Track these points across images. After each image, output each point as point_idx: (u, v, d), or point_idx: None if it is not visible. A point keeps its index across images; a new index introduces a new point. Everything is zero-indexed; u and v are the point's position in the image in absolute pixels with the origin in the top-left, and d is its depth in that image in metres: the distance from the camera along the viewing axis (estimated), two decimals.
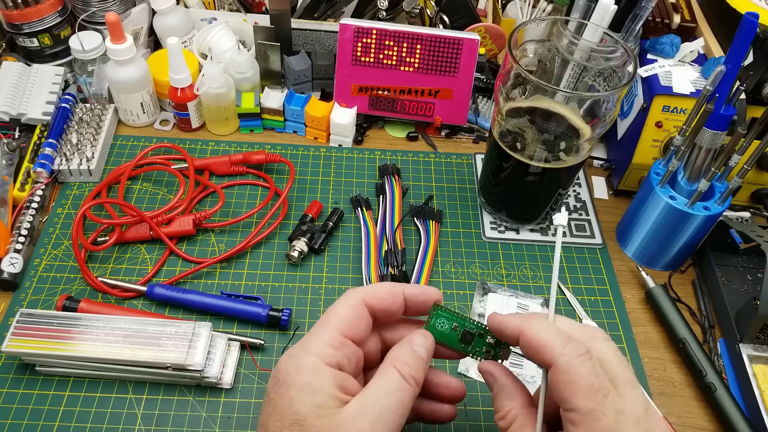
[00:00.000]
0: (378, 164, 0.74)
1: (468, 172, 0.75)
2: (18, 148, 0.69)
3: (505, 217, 0.68)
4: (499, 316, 0.40)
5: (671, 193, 0.61)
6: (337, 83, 0.75)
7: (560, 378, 0.35)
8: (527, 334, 0.37)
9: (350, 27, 0.70)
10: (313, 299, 0.61)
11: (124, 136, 0.74)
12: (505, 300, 0.61)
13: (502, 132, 0.61)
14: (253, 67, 0.74)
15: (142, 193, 0.68)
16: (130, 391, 0.53)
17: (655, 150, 0.68)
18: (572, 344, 0.36)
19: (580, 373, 0.35)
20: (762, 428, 0.53)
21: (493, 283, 0.63)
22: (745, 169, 0.57)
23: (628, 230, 0.67)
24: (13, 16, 0.72)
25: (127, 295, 0.59)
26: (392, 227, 0.65)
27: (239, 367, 0.55)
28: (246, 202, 0.69)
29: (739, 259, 0.65)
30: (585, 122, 0.58)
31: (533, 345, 0.37)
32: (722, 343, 0.60)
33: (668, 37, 0.71)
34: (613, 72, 0.59)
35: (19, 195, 0.65)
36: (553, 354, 0.36)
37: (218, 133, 0.76)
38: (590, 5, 0.61)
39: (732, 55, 0.53)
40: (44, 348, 0.51)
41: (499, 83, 0.59)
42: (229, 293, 0.60)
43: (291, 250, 0.62)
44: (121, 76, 0.70)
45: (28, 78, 0.73)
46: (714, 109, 0.55)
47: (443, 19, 0.81)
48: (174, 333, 0.53)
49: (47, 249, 0.62)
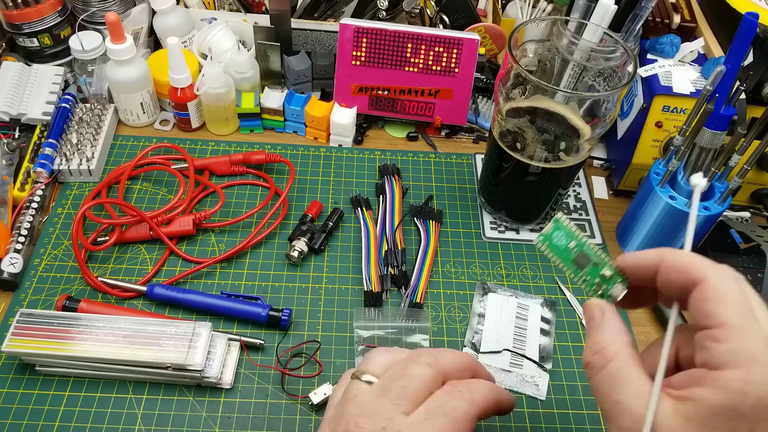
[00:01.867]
0: (378, 164, 0.74)
1: (468, 172, 0.75)
2: (18, 148, 0.69)
3: (505, 217, 0.68)
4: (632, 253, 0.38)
5: (671, 193, 0.61)
6: (337, 83, 0.75)
7: (709, 294, 0.33)
8: (671, 257, 0.35)
9: (350, 27, 0.70)
10: (313, 299, 0.61)
11: (124, 136, 0.74)
12: (505, 300, 0.61)
13: (502, 132, 0.61)
14: (253, 67, 0.74)
15: (142, 193, 0.68)
16: (130, 391, 0.53)
17: (655, 150, 0.68)
18: (722, 267, 0.34)
19: (733, 289, 0.32)
20: None
21: (493, 283, 0.63)
22: (745, 169, 0.57)
23: (628, 230, 0.67)
24: (13, 16, 0.72)
25: (127, 295, 0.59)
26: (392, 227, 0.65)
27: (239, 367, 0.55)
28: (246, 202, 0.69)
29: (739, 259, 0.65)
30: (585, 122, 0.58)
31: (678, 266, 0.34)
32: None
33: (668, 37, 0.71)
34: (613, 72, 0.59)
35: (19, 195, 0.65)
36: (704, 269, 0.33)
37: (218, 133, 0.76)
38: (590, 5, 0.61)
39: (732, 55, 0.53)
40: (44, 348, 0.51)
41: (499, 83, 0.59)
42: (229, 293, 0.60)
43: (291, 250, 0.62)
44: (121, 76, 0.70)
45: (28, 78, 0.73)
46: (714, 109, 0.55)
47: (443, 19, 0.81)
48: (174, 333, 0.53)
49: (47, 249, 0.62)
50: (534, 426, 0.54)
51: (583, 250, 0.40)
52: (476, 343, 0.58)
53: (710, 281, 0.33)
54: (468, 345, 0.58)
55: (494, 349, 0.58)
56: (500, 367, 0.57)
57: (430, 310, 0.61)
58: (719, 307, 0.32)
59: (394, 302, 0.61)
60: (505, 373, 0.56)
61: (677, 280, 0.34)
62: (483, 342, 0.58)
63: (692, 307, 0.33)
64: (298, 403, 0.53)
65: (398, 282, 0.61)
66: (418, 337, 0.58)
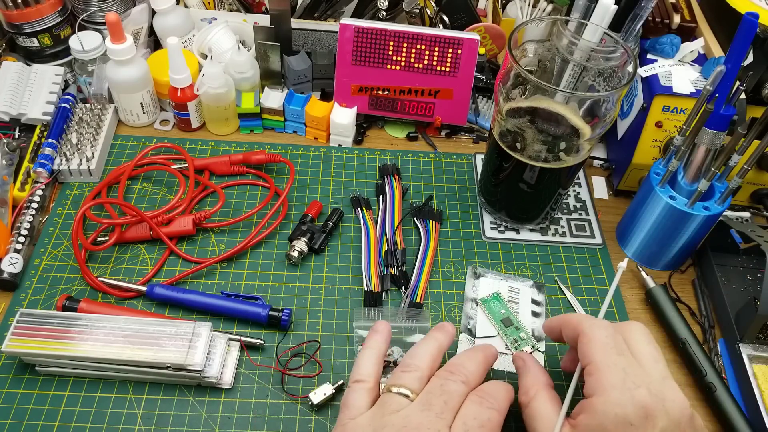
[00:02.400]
0: (378, 164, 0.74)
1: (468, 172, 0.75)
2: (18, 148, 0.69)
3: (505, 217, 0.68)
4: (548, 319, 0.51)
5: (671, 193, 0.61)
6: (337, 83, 0.75)
7: (583, 340, 0.44)
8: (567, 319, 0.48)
9: (350, 27, 0.70)
10: (313, 299, 0.61)
11: (124, 136, 0.74)
12: (496, 283, 0.63)
13: (502, 132, 0.61)
14: (253, 67, 0.74)
15: (142, 193, 0.68)
16: (130, 391, 0.53)
17: (655, 150, 0.68)
18: (597, 320, 0.46)
19: (600, 335, 0.44)
20: (762, 428, 0.53)
21: (483, 269, 0.64)
22: (745, 169, 0.57)
23: (628, 230, 0.67)
24: (13, 16, 0.72)
25: (127, 295, 0.59)
26: (392, 227, 0.65)
27: (239, 367, 0.55)
28: (246, 202, 0.69)
29: (739, 259, 0.65)
30: (585, 122, 0.58)
31: (570, 325, 0.47)
32: (722, 343, 0.60)
33: (668, 37, 0.71)
34: (613, 72, 0.59)
35: (19, 195, 0.65)
36: (584, 324, 0.45)
37: (218, 133, 0.76)
38: (590, 5, 0.61)
39: (732, 55, 0.53)
40: (44, 348, 0.51)
41: (499, 83, 0.59)
42: (229, 293, 0.60)
43: (291, 250, 0.62)
44: (121, 76, 0.70)
45: (28, 78, 0.73)
46: (714, 109, 0.55)
47: (443, 19, 0.81)
48: (174, 333, 0.53)
49: (47, 249, 0.62)
50: None
51: (509, 316, 0.59)
52: (472, 328, 0.59)
53: (585, 331, 0.45)
54: (464, 331, 0.59)
55: (489, 334, 0.59)
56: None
57: (430, 310, 0.61)
58: (590, 350, 0.44)
59: (394, 302, 0.61)
60: (501, 356, 0.57)
61: (572, 335, 0.47)
62: (478, 327, 0.59)
63: (578, 351, 0.45)
64: (298, 403, 0.53)
65: (398, 282, 0.61)
66: (418, 337, 0.58)
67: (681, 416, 0.41)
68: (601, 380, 0.42)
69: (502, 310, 0.59)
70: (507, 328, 0.58)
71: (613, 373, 0.41)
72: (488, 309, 0.59)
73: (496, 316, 0.59)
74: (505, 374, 0.56)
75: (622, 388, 0.41)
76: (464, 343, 0.58)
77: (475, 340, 0.58)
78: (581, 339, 0.45)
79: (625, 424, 0.40)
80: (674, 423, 0.40)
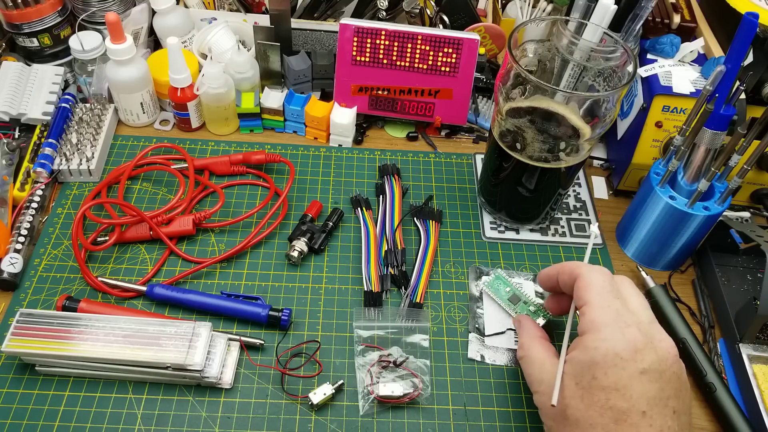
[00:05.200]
0: (378, 164, 0.74)
1: (468, 172, 0.75)
2: (18, 148, 0.69)
3: (504, 217, 0.68)
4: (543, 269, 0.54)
5: (671, 193, 0.61)
6: (337, 83, 0.75)
7: (580, 283, 0.48)
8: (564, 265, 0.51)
9: (350, 27, 0.70)
10: (313, 299, 0.61)
11: (124, 136, 0.74)
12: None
13: (502, 132, 0.61)
14: (253, 67, 0.74)
15: (142, 193, 0.68)
16: (130, 391, 0.53)
17: (655, 150, 0.68)
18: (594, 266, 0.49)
19: (598, 279, 0.47)
20: (762, 428, 0.53)
21: (485, 269, 0.64)
22: (745, 169, 0.57)
23: (628, 230, 0.67)
24: (13, 16, 0.72)
25: (127, 295, 0.59)
26: (392, 227, 0.65)
27: (239, 367, 0.55)
28: (246, 202, 0.69)
29: (739, 259, 0.65)
30: (585, 122, 0.58)
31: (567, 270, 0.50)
32: (722, 343, 0.60)
33: (668, 37, 0.71)
34: (613, 72, 0.59)
35: (19, 195, 0.65)
36: (582, 269, 0.49)
37: (218, 133, 0.76)
38: (590, 5, 0.61)
39: (732, 55, 0.53)
40: (44, 348, 0.51)
41: (499, 83, 0.59)
42: (229, 293, 0.60)
43: (291, 250, 0.62)
44: (121, 76, 0.70)
45: (28, 78, 0.73)
46: (714, 109, 0.55)
47: (443, 19, 0.81)
48: (174, 333, 0.53)
49: (47, 249, 0.62)
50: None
51: (515, 293, 0.60)
52: (480, 327, 0.59)
53: (583, 275, 0.48)
54: (473, 330, 0.59)
55: (498, 331, 0.59)
56: (506, 346, 0.58)
57: (430, 310, 0.61)
58: (586, 292, 0.47)
59: (394, 302, 0.61)
60: (511, 351, 0.58)
61: (568, 280, 0.50)
62: (486, 325, 0.59)
63: (574, 294, 0.49)
64: (298, 403, 0.53)
65: (398, 282, 0.61)
66: (418, 337, 0.58)
67: (667, 355, 0.45)
68: (594, 319, 0.45)
69: (507, 288, 0.60)
70: (515, 305, 0.59)
71: (607, 313, 0.45)
72: (494, 291, 0.60)
73: (503, 296, 0.60)
74: (504, 370, 0.57)
75: (613, 326, 0.44)
76: (473, 343, 0.58)
77: (484, 338, 0.58)
78: (578, 282, 0.48)
79: (615, 358, 0.43)
80: (661, 359, 0.44)
